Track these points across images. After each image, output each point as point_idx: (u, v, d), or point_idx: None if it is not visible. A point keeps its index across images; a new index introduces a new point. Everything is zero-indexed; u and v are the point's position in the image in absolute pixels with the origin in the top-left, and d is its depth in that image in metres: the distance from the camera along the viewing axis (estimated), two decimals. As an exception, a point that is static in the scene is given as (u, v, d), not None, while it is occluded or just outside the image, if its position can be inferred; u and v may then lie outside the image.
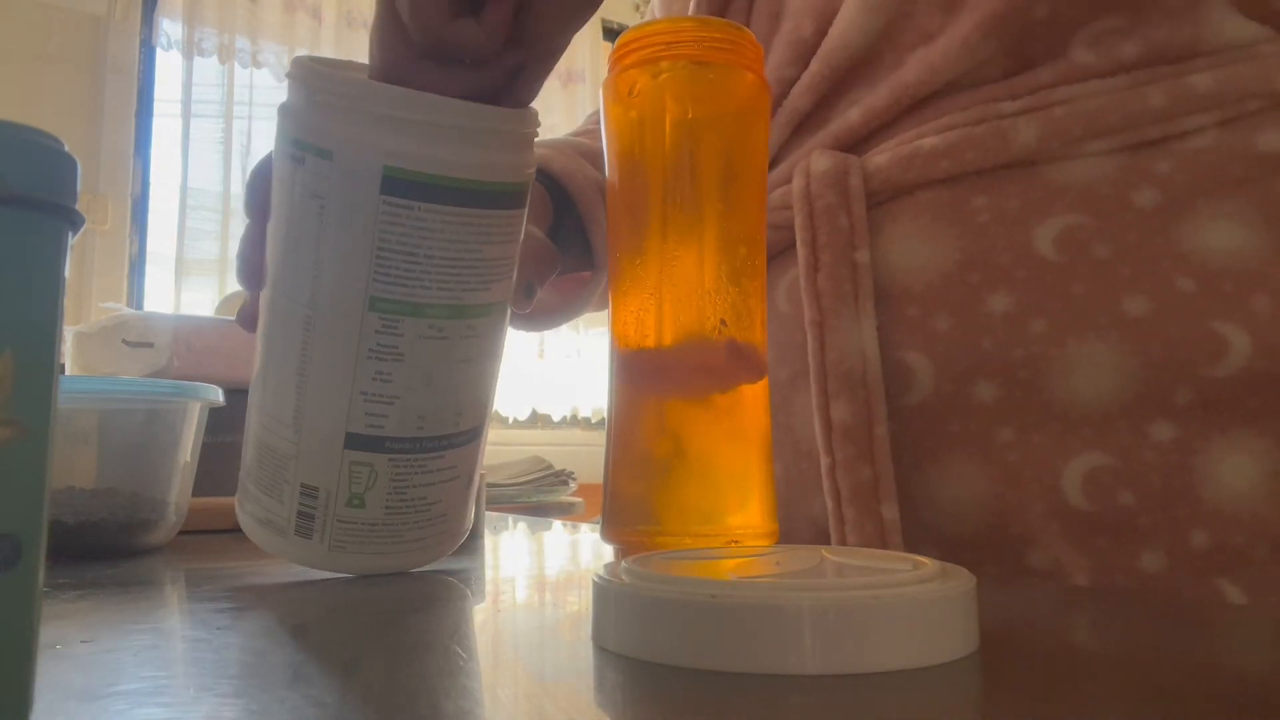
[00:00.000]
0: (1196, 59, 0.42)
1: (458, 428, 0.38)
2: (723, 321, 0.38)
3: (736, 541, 0.37)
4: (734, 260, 0.39)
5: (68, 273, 0.18)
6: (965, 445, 0.43)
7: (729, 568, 0.28)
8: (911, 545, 0.44)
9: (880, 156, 0.46)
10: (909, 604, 0.22)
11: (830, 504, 0.44)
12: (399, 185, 0.34)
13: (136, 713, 0.19)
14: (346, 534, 0.37)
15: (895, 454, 0.44)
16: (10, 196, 0.16)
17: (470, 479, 0.41)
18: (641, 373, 0.39)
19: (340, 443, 0.36)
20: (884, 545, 0.42)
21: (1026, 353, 0.41)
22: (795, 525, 0.49)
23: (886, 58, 0.48)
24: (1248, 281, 0.39)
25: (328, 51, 2.52)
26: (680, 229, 0.38)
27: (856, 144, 0.49)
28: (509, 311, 0.40)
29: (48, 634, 0.26)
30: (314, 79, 0.35)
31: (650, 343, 0.39)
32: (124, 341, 0.79)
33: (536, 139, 0.39)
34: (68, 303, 0.19)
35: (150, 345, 0.77)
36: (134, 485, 0.49)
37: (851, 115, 0.49)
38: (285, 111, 0.36)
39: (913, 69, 0.46)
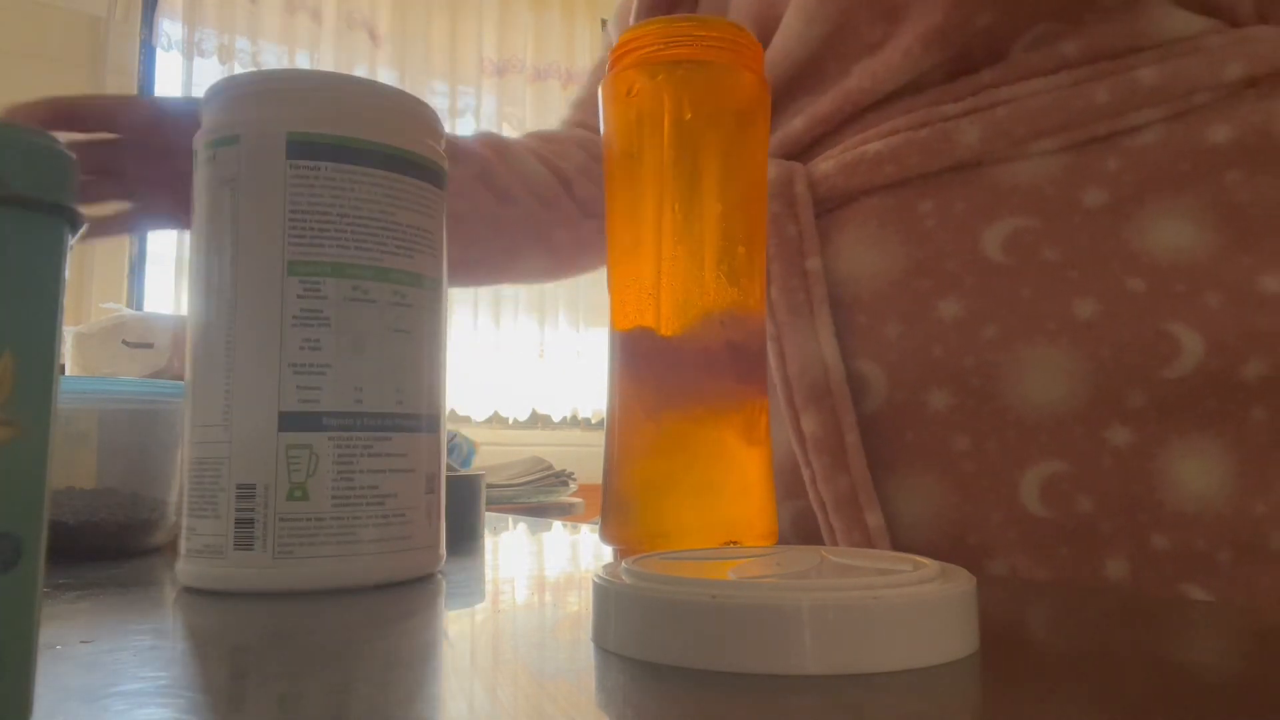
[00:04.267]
0: (1141, 53, 0.41)
1: (401, 408, 0.37)
2: (722, 322, 0.38)
3: (736, 541, 0.37)
4: (733, 260, 0.39)
5: (68, 273, 0.18)
6: (922, 455, 0.42)
7: (729, 568, 0.28)
8: None
9: (825, 163, 0.46)
10: (909, 604, 0.22)
11: (819, 515, 0.44)
12: (305, 148, 0.36)
13: (136, 713, 0.19)
14: (292, 535, 0.35)
15: None
16: (10, 196, 0.16)
17: (430, 481, 0.38)
18: (640, 373, 0.39)
19: (274, 426, 0.35)
20: None
21: (977, 359, 0.41)
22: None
23: (830, 67, 0.48)
24: (1199, 279, 0.38)
25: (328, 52, 2.52)
26: (679, 229, 0.38)
27: (800, 152, 0.49)
28: (444, 296, 0.40)
29: (48, 634, 0.26)
30: (222, 83, 0.38)
31: (649, 343, 0.39)
32: (124, 342, 0.79)
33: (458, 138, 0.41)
34: (68, 303, 0.19)
35: (150, 345, 0.77)
36: (134, 485, 0.49)
37: (796, 123, 0.48)
38: (198, 133, 0.39)
39: (856, 78, 0.46)
